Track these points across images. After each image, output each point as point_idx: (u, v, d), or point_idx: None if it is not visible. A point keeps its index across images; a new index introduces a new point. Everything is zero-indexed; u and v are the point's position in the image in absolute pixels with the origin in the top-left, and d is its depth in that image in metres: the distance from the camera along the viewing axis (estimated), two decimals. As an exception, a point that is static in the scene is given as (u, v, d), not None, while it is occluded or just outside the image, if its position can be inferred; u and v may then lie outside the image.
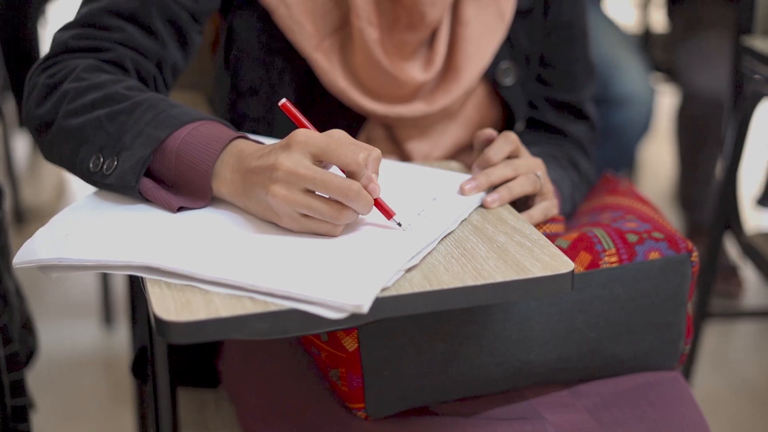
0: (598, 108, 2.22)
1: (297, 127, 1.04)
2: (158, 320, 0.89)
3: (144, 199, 1.07)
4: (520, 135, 1.40)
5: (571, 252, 1.14)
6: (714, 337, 2.52)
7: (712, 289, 2.10)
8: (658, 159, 3.65)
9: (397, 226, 1.03)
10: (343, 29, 1.29)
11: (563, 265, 0.98)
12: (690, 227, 2.83)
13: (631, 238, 1.15)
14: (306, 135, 1.00)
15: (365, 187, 1.00)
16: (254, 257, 0.96)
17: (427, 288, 0.94)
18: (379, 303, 0.92)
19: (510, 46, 1.36)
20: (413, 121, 1.33)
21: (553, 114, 1.42)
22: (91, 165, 1.07)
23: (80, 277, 2.74)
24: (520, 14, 1.35)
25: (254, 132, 1.31)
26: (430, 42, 1.31)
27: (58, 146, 1.12)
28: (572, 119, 1.43)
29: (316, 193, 0.99)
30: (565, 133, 1.42)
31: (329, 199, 0.99)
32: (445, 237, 1.04)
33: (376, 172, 1.02)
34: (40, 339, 1.65)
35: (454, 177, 1.16)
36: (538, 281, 0.96)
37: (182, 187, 1.07)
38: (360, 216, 1.02)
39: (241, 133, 1.08)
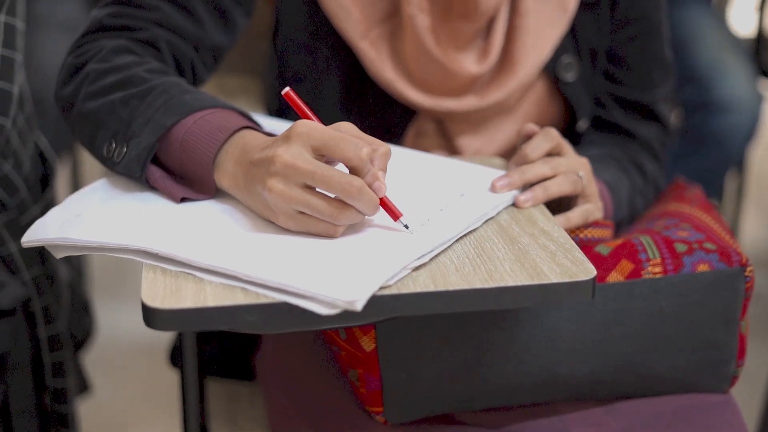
0: (699, 112, 2.12)
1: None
2: (144, 306, 0.86)
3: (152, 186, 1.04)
4: (584, 134, 1.33)
5: (611, 259, 1.06)
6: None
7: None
8: (765, 167, 3.46)
9: (404, 229, 0.95)
10: (393, 17, 1.24)
11: (584, 272, 0.90)
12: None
13: (680, 247, 1.07)
14: (307, 126, 0.93)
15: (370, 185, 0.92)
16: (252, 249, 0.92)
17: (431, 288, 0.88)
18: (375, 301, 0.86)
19: (573, 40, 1.28)
20: (465, 116, 1.27)
21: (621, 113, 1.33)
22: (104, 151, 1.05)
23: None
24: (586, 6, 1.27)
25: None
26: (486, 33, 1.24)
27: (79, 128, 1.10)
28: (642, 120, 1.34)
29: (317, 190, 0.92)
30: (633, 134, 1.34)
31: (330, 197, 0.92)
32: (465, 235, 0.98)
33: (384, 170, 0.95)
34: (98, 322, 1.65)
35: (488, 173, 1.09)
36: (553, 288, 0.89)
37: (187, 177, 1.03)
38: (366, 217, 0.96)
39: (251, 123, 1.02)
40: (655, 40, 1.33)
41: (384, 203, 0.95)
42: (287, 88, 0.98)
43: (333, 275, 0.87)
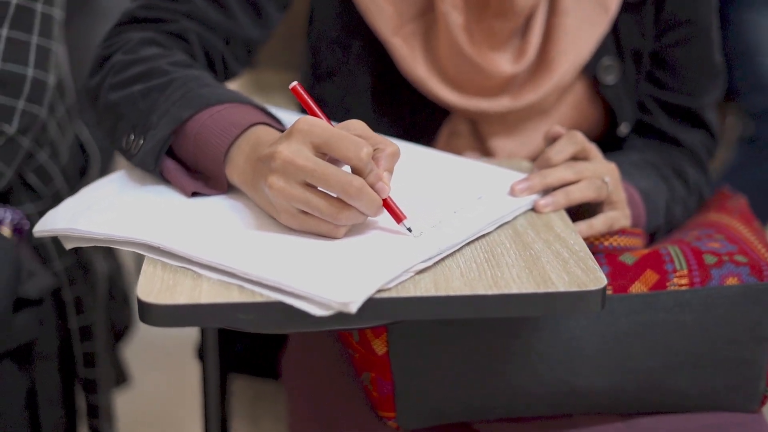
0: (765, 121, 2.05)
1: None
2: (138, 301, 0.84)
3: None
4: (625, 139, 1.29)
5: (635, 269, 1.02)
6: None
7: None
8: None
9: (408, 232, 0.92)
10: (427, 14, 1.21)
11: (594, 281, 0.87)
12: None
13: (709, 259, 1.02)
14: (309, 123, 0.90)
15: (372, 186, 0.89)
16: (252, 246, 0.90)
17: (432, 293, 0.85)
18: (372, 305, 0.84)
19: (615, 41, 1.24)
20: (499, 117, 1.23)
21: (666, 119, 1.29)
22: (124, 143, 1.04)
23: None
24: (629, 7, 1.23)
25: (332, 119, 1.24)
26: (523, 32, 1.21)
27: (102, 120, 1.09)
28: (688, 126, 1.30)
29: (320, 189, 0.89)
30: (678, 140, 1.29)
31: (330, 197, 0.89)
32: (477, 239, 0.95)
33: (390, 170, 0.92)
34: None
35: (509, 176, 1.06)
36: (559, 296, 0.85)
37: (201, 171, 1.02)
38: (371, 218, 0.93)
39: (267, 119, 1.00)
40: (705, 44, 1.28)
41: (387, 205, 0.92)
42: (294, 83, 0.95)
43: (329, 276, 0.85)
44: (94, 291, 1.42)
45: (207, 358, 1.19)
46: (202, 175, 1.02)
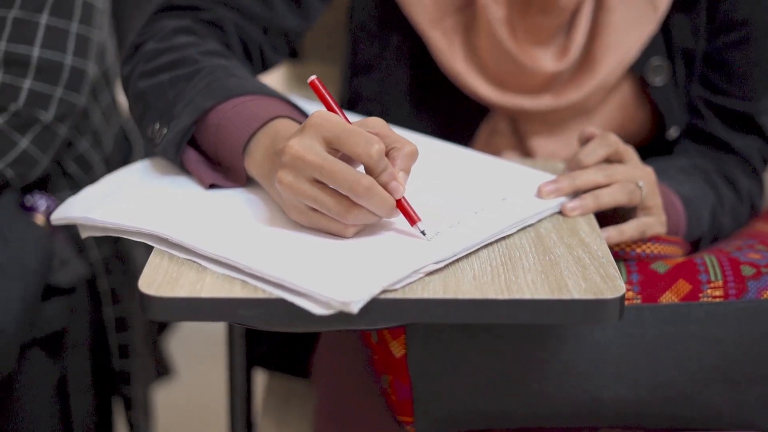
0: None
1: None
2: (139, 292, 0.83)
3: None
4: (674, 143, 1.24)
5: (667, 278, 0.97)
6: None
7: None
8: None
9: (422, 235, 0.88)
10: (468, 8, 1.17)
11: (612, 289, 0.82)
12: None
13: (747, 270, 0.97)
14: (322, 117, 0.86)
15: (385, 185, 0.85)
16: (260, 242, 0.87)
17: (440, 295, 0.82)
18: (376, 305, 0.80)
19: (665, 41, 1.19)
20: (541, 116, 1.19)
21: (719, 124, 1.23)
22: (149, 131, 1.02)
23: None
24: (681, 5, 1.18)
25: (368, 113, 1.22)
26: (567, 28, 1.17)
27: (132, 108, 1.08)
28: (741, 131, 1.23)
29: (330, 187, 0.86)
30: (730, 146, 1.23)
31: (340, 195, 0.85)
32: (495, 241, 0.91)
33: (406, 170, 0.87)
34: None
35: (538, 177, 1.02)
36: (573, 304, 0.81)
37: (221, 163, 1.00)
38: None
39: (290, 112, 0.97)
40: (763, 46, 1.22)
41: (401, 206, 0.87)
42: (313, 77, 0.93)
43: (333, 274, 0.82)
44: (132, 282, 1.42)
45: (233, 354, 1.18)
46: (223, 167, 1.00)
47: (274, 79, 1.47)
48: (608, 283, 0.83)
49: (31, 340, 1.20)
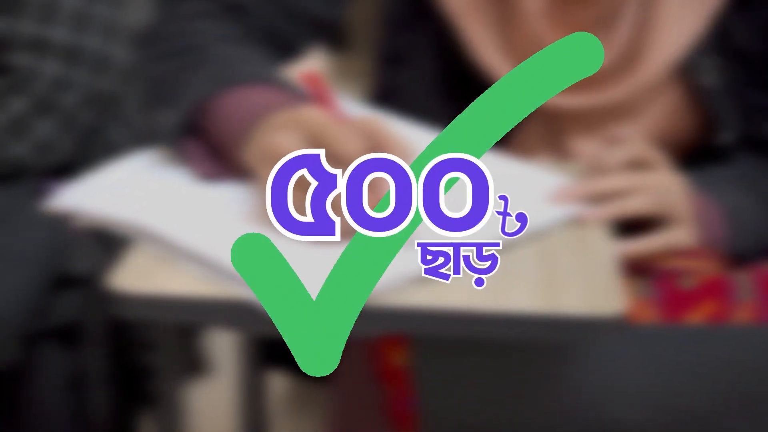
0: None
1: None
2: (103, 288, 0.79)
3: None
4: (724, 150, 1.14)
5: (693, 296, 0.89)
6: None
7: None
8: None
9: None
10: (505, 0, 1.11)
11: (611, 306, 0.75)
12: None
13: (781, 291, 0.89)
14: (309, 113, 0.83)
15: None
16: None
17: (422, 304, 0.75)
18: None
19: (719, 40, 1.10)
20: (579, 115, 1.12)
21: None
22: (152, 118, 0.99)
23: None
24: (738, 3, 1.09)
25: (398, 106, 1.16)
26: (611, 22, 1.09)
27: (145, 93, 1.04)
28: None
29: None
30: None
31: None
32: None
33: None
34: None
35: (555, 181, 0.94)
36: (566, 320, 0.74)
37: (219, 154, 0.95)
38: None
39: (295, 103, 0.93)
40: None
41: None
42: (311, 69, 0.88)
43: (304, 279, 0.76)
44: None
45: (248, 352, 1.14)
46: (222, 159, 0.96)
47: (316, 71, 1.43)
48: (609, 298, 0.76)
49: (41, 331, 1.17)
